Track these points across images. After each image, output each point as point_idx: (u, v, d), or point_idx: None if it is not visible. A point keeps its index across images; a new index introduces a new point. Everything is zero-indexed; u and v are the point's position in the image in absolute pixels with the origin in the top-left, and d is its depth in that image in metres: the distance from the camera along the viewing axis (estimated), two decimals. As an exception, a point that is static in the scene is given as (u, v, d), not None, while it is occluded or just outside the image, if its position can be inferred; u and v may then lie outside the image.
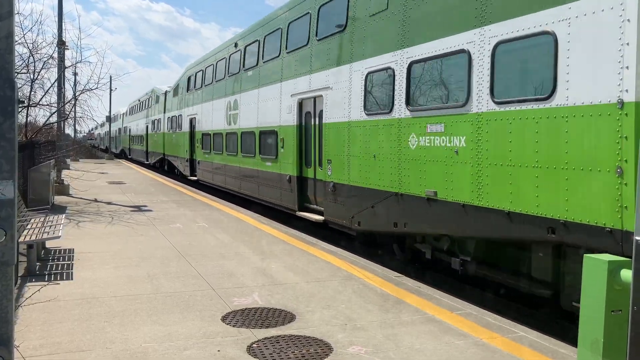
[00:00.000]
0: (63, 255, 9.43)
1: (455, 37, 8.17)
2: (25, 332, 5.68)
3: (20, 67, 17.34)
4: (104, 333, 5.70)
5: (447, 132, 8.35)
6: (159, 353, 5.20)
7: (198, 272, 8.32)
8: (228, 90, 19.83)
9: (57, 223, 9.54)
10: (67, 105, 22.27)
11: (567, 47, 6.34)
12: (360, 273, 8.42)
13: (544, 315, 7.78)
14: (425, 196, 8.77)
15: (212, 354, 5.18)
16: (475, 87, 7.75)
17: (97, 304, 6.71)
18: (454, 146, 8.18)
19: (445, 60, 8.51)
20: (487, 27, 7.53)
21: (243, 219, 13.93)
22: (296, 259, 9.38)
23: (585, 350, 3.69)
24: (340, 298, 7.09)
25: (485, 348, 5.45)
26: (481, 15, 7.66)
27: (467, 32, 7.91)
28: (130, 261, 9.00)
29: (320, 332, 5.83)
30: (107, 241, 10.69)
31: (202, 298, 7.01)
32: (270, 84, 15.56)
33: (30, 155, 16.26)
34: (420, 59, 9.00)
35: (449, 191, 8.25)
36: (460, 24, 8.09)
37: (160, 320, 6.14)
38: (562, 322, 7.35)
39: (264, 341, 5.54)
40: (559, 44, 6.43)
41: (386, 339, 5.65)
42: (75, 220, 13.19)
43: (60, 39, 20.09)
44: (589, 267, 3.63)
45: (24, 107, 17.49)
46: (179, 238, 11.11)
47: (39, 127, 22.37)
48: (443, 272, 9.68)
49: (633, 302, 3.04)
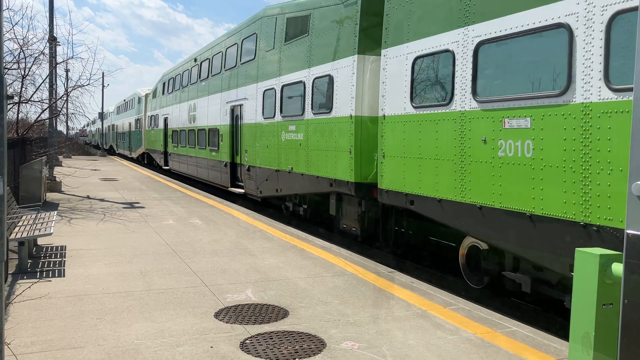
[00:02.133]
0: (55, 252, 9.38)
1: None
2: (17, 329, 5.65)
3: (10, 63, 17.21)
4: (96, 330, 5.67)
5: (297, 130, 13.33)
6: (151, 350, 5.18)
7: (191, 269, 8.30)
8: (190, 96, 24.76)
9: (48, 220, 9.49)
10: (59, 102, 22.15)
11: (336, 88, 11.49)
12: (353, 269, 8.43)
13: (536, 310, 7.82)
14: (288, 170, 13.73)
15: (205, 351, 5.18)
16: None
17: (89, 301, 6.68)
18: (298, 139, 13.14)
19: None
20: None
21: (236, 216, 13.91)
22: (290, 255, 9.38)
23: (577, 344, 3.71)
24: (333, 294, 7.10)
25: (478, 343, 5.47)
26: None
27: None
28: (123, 258, 8.97)
29: (314, 327, 5.83)
30: (99, 238, 10.65)
31: (195, 294, 6.99)
32: (216, 93, 20.68)
33: (22, 152, 16.15)
34: (288, 83, 13.89)
35: (297, 166, 13.26)
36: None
37: (152, 317, 6.12)
38: (554, 316, 7.40)
39: (257, 337, 5.54)
40: (334, 83, 11.57)
41: (379, 334, 5.66)
42: (67, 218, 13.13)
43: (52, 34, 19.95)
44: (580, 261, 3.65)
45: (14, 103, 17.35)
46: (172, 235, 11.08)
47: (31, 123, 22.21)
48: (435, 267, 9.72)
49: (624, 296, 3.05)
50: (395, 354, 5.14)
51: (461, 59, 7.83)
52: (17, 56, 17.45)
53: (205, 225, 12.35)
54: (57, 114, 22.50)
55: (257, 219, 13.36)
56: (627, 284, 3.06)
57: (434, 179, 8.44)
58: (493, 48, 7.32)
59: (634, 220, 3.00)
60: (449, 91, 8.09)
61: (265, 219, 13.42)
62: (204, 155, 22.18)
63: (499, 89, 7.24)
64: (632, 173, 2.99)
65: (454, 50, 7.96)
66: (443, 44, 8.20)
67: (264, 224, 12.60)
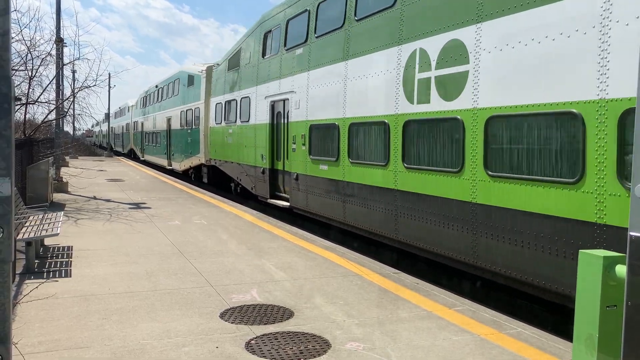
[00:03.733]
0: (61, 252, 9.44)
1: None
2: (24, 329, 5.69)
3: (18, 64, 17.32)
4: (102, 330, 5.71)
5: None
6: (157, 350, 5.21)
7: (196, 269, 8.33)
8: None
9: (55, 220, 9.55)
10: (66, 103, 22.26)
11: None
12: (358, 269, 8.44)
13: (541, 311, 7.81)
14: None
15: (210, 351, 5.20)
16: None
17: (95, 301, 6.72)
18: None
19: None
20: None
21: (241, 216, 13.94)
22: (295, 255, 9.40)
23: (580, 346, 3.72)
24: (338, 294, 7.11)
25: (482, 344, 5.47)
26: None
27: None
28: (129, 258, 9.02)
29: (319, 328, 5.85)
30: (105, 238, 10.71)
31: (200, 295, 7.03)
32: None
33: (29, 153, 16.25)
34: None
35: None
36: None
37: (158, 317, 6.16)
38: (558, 317, 7.39)
39: (262, 338, 5.56)
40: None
41: (384, 335, 5.67)
42: (73, 218, 13.20)
43: (59, 36, 20.06)
44: (583, 263, 3.65)
45: (22, 104, 17.47)
46: (178, 235, 11.12)
47: (38, 124, 22.34)
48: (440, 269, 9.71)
49: (627, 298, 3.05)
50: (400, 355, 5.15)
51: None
52: (25, 57, 17.57)
53: (210, 225, 12.39)
54: (64, 115, 22.63)
55: (262, 219, 13.40)
56: (631, 286, 3.06)
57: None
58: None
59: (638, 222, 3.00)
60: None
61: (270, 220, 13.45)
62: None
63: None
64: (636, 175, 2.99)
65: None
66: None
67: (269, 224, 12.63)
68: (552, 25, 6.61)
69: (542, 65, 6.70)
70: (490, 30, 7.56)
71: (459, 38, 8.12)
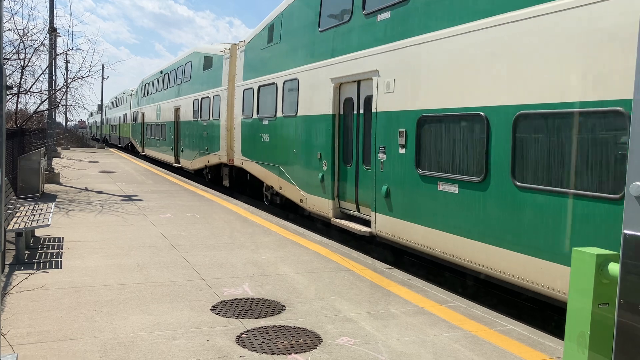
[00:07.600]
0: (52, 243, 9.38)
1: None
2: (13, 320, 5.65)
3: (10, 53, 17.16)
4: (93, 322, 5.68)
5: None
6: (147, 342, 5.19)
7: (188, 262, 8.30)
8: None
9: (46, 211, 9.48)
10: (58, 93, 22.09)
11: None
12: (350, 264, 8.44)
13: (532, 309, 7.83)
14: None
15: (201, 344, 5.18)
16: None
17: (86, 292, 6.69)
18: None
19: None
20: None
21: (234, 210, 13.91)
22: (287, 250, 9.38)
23: (572, 343, 3.72)
24: (330, 289, 7.11)
25: (473, 340, 5.48)
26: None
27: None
28: (120, 250, 8.97)
29: (310, 323, 5.84)
30: (97, 230, 10.65)
31: (191, 288, 7.00)
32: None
33: (20, 143, 16.14)
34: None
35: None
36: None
37: (149, 309, 6.13)
38: (549, 315, 7.41)
39: (253, 331, 5.55)
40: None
41: (375, 330, 5.67)
42: (65, 209, 13.12)
43: (52, 25, 19.90)
44: (577, 260, 3.65)
45: (14, 94, 17.32)
46: (170, 228, 11.08)
47: (30, 114, 22.18)
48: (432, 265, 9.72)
49: (620, 296, 3.06)
50: (390, 350, 5.16)
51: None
52: (17, 47, 17.41)
53: (203, 218, 12.35)
54: (57, 105, 22.45)
55: (255, 214, 13.37)
56: (623, 284, 3.07)
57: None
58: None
59: (631, 220, 3.01)
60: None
61: (263, 214, 13.42)
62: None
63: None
64: (630, 174, 2.99)
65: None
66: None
67: (262, 219, 12.60)
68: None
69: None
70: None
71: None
